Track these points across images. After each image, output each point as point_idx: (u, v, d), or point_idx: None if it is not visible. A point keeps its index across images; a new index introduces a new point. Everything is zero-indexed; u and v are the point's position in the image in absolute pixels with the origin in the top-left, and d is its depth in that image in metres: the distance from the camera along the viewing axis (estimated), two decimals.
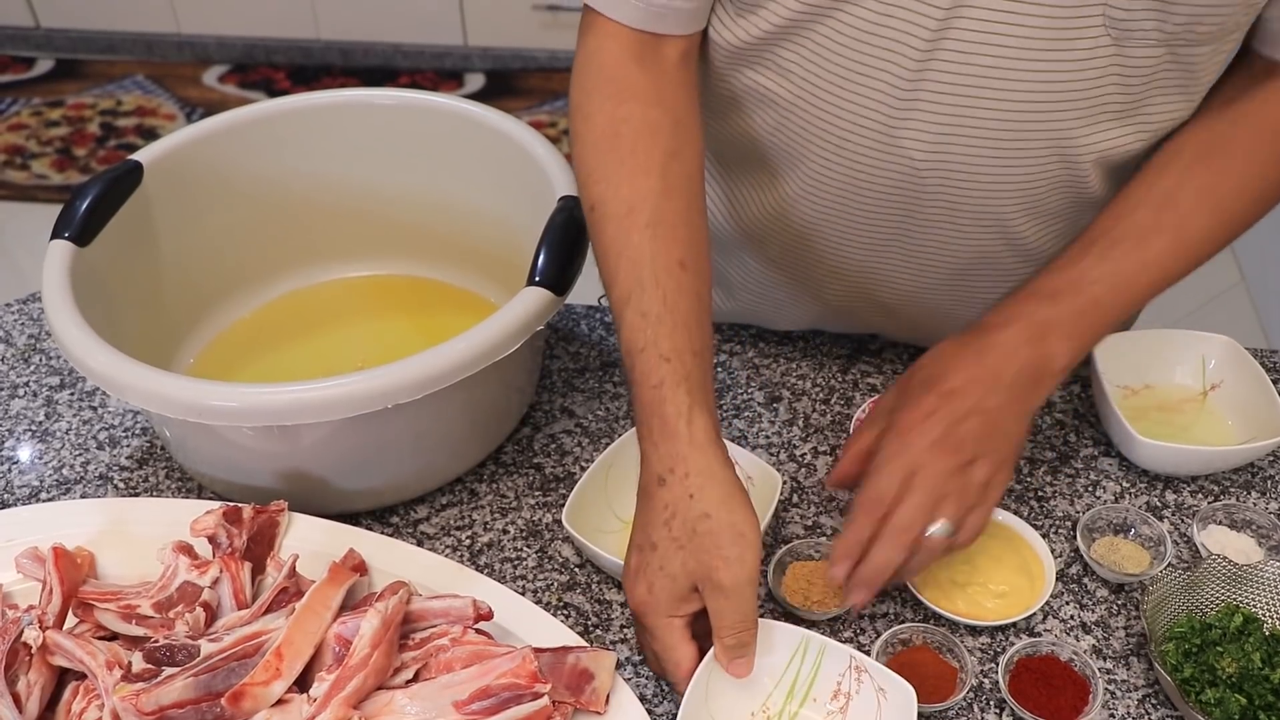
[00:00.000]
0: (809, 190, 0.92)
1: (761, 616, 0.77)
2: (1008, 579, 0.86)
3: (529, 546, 0.91)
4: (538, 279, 0.86)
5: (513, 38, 3.31)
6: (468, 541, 0.91)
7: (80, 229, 0.92)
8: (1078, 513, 0.93)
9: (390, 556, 0.82)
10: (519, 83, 3.34)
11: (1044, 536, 0.89)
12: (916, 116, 0.84)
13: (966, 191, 0.88)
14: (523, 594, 0.86)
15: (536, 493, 0.95)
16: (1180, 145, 0.87)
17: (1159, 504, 0.94)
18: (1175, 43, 0.80)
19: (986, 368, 0.82)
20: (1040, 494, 0.95)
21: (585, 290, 0.93)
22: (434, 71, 3.40)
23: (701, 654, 0.76)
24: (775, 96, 0.88)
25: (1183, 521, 0.93)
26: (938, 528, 0.78)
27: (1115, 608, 0.87)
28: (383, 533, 0.91)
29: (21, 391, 1.05)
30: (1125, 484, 0.95)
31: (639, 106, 0.84)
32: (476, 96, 3.23)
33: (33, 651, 0.75)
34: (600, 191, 0.83)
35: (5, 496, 0.96)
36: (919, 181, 0.88)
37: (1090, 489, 0.95)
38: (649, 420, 0.78)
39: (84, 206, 0.93)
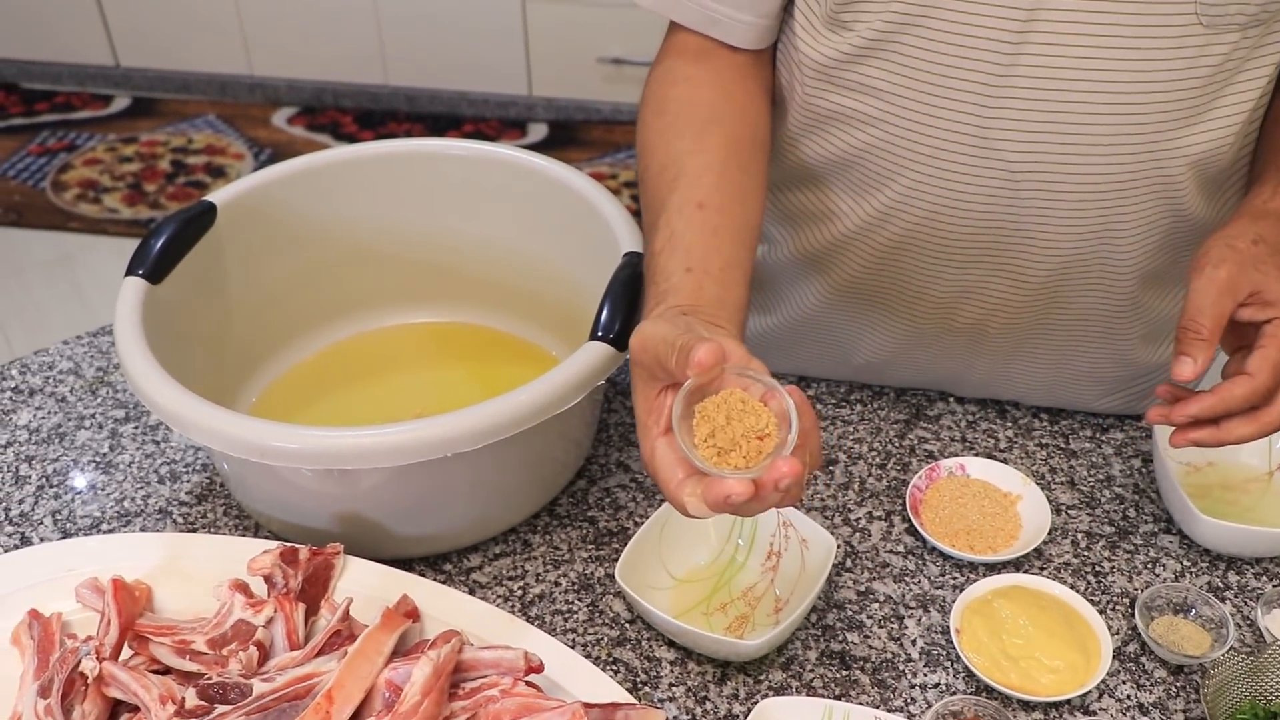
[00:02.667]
0: (898, 208, 0.93)
1: None
2: (1063, 654, 0.84)
3: (580, 600, 0.91)
4: (600, 334, 0.86)
5: (577, 89, 3.36)
6: (519, 592, 0.92)
7: (153, 267, 0.94)
8: (1136, 590, 0.91)
9: (442, 604, 0.83)
10: (581, 134, 3.38)
11: (1100, 613, 0.88)
12: (1009, 116, 0.84)
13: (1061, 197, 0.88)
14: (573, 647, 0.86)
15: (590, 546, 0.95)
16: None
17: (1221, 584, 0.92)
18: (1255, 25, 0.81)
19: None
20: (1098, 569, 0.93)
21: None
22: (498, 120, 3.45)
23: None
24: (863, 116, 0.90)
25: (1246, 604, 0.91)
26: None
27: (1174, 689, 0.85)
28: (435, 580, 0.91)
29: (88, 423, 1.07)
30: (1186, 562, 0.94)
31: (687, 88, 0.92)
32: (539, 146, 3.27)
33: (89, 681, 0.76)
34: (646, 160, 0.91)
35: (68, 526, 0.97)
36: (1014, 188, 0.88)
37: (1150, 566, 0.94)
38: None
39: (158, 245, 0.95)
